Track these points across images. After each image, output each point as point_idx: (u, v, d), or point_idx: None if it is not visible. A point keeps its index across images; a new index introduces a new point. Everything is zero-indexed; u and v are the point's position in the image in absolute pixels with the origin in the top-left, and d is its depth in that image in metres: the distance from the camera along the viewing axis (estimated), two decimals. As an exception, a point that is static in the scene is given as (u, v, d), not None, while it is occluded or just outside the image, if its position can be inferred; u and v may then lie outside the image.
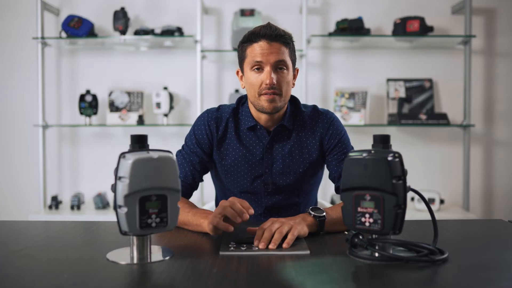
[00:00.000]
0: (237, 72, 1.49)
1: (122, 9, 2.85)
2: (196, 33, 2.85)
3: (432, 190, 2.84)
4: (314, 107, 1.54)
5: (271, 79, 1.36)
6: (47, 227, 1.38)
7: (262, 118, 1.46)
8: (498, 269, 0.98)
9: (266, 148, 1.47)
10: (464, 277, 0.92)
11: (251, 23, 2.79)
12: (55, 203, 2.85)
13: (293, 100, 1.54)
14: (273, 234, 1.14)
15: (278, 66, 1.38)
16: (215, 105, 3.00)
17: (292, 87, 1.47)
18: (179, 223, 1.31)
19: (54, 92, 3.06)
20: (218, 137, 1.49)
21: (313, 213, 1.25)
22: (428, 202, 1.10)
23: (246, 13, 2.83)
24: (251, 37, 1.39)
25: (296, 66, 1.48)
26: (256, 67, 1.38)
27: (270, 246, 1.10)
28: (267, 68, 1.37)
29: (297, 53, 2.80)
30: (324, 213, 1.26)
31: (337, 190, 1.49)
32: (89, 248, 1.13)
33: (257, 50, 1.37)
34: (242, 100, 1.53)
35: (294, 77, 1.48)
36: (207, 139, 1.49)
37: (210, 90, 3.03)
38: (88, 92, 2.87)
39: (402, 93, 2.94)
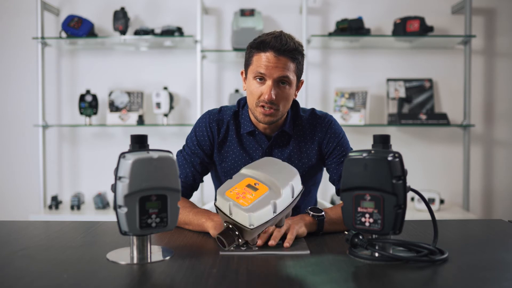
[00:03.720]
0: (242, 73, 1.48)
1: (122, 9, 2.85)
2: (196, 33, 2.85)
3: (432, 190, 2.84)
4: (312, 110, 1.53)
5: (270, 95, 1.34)
6: (47, 227, 1.38)
7: (260, 124, 1.45)
8: (498, 269, 0.98)
9: (266, 153, 1.47)
10: (464, 277, 0.92)
11: (251, 23, 2.79)
12: (55, 203, 2.85)
13: (294, 104, 1.53)
14: (271, 234, 1.15)
15: (281, 81, 1.36)
16: (215, 105, 3.02)
17: (294, 98, 1.46)
18: (179, 222, 1.32)
19: (54, 92, 3.06)
20: (219, 139, 1.49)
21: (311, 213, 1.25)
22: (428, 202, 1.10)
23: (246, 13, 2.83)
24: (260, 45, 1.36)
25: (302, 78, 1.46)
26: (258, 77, 1.37)
27: (270, 243, 1.12)
28: (268, 82, 1.35)
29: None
30: (323, 213, 1.26)
31: (338, 192, 1.48)
32: (89, 248, 1.13)
33: (263, 61, 1.35)
34: (242, 103, 1.52)
35: (298, 88, 1.46)
36: (208, 141, 1.49)
37: (210, 90, 3.03)
38: (88, 92, 2.87)
39: (402, 93, 2.94)
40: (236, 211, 1.02)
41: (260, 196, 1.04)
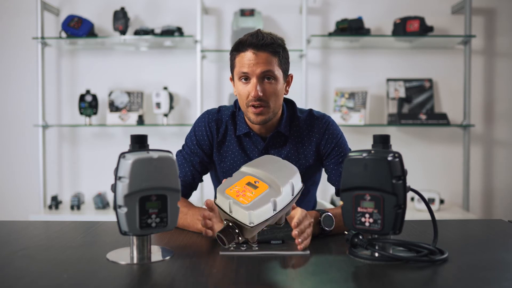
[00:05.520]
0: (230, 78, 1.48)
1: (122, 9, 2.85)
2: (196, 33, 2.85)
3: (432, 190, 2.84)
4: (310, 111, 1.52)
5: (256, 91, 1.34)
6: (47, 227, 1.38)
7: (255, 125, 1.45)
8: (498, 269, 0.98)
9: (262, 154, 1.46)
10: (464, 277, 0.92)
11: (251, 23, 2.79)
12: (55, 203, 2.85)
13: (290, 104, 1.52)
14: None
15: (266, 76, 1.36)
16: (215, 105, 3.02)
17: (285, 94, 1.45)
18: (178, 225, 1.31)
19: (54, 92, 3.06)
20: (218, 139, 1.49)
21: (323, 226, 1.22)
22: (428, 202, 1.10)
23: (246, 13, 2.83)
24: (238, 46, 1.37)
25: (290, 72, 1.45)
26: (243, 77, 1.37)
27: (302, 246, 1.09)
28: (253, 80, 1.35)
29: (297, 53, 2.82)
30: (331, 229, 1.23)
31: (337, 193, 1.48)
32: (89, 248, 1.13)
33: (244, 60, 1.35)
34: (238, 104, 1.52)
35: (288, 83, 1.46)
36: (208, 140, 1.49)
37: (210, 90, 3.03)
38: (88, 92, 2.87)
39: (402, 93, 2.94)
40: (236, 209, 1.02)
41: (260, 194, 1.04)
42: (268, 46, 1.35)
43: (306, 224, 1.13)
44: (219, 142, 1.49)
